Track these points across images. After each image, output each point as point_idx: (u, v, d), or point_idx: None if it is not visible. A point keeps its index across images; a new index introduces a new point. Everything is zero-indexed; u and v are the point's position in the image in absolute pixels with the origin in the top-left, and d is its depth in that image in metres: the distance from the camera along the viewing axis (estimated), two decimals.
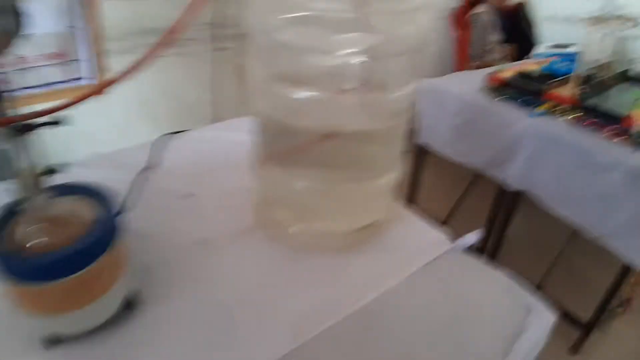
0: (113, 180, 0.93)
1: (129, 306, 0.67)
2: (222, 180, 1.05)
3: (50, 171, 0.57)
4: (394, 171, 0.84)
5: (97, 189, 0.64)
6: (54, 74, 1.79)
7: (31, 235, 0.56)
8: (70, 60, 1.82)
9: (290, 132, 0.76)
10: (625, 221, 1.34)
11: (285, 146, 0.79)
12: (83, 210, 0.61)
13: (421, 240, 0.87)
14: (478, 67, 2.87)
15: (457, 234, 0.88)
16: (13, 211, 0.58)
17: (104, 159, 1.11)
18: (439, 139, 1.91)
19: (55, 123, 0.79)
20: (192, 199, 0.96)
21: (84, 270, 0.55)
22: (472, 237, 0.85)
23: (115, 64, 1.88)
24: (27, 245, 0.55)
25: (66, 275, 0.54)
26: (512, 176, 1.66)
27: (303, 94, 0.69)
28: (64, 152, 1.80)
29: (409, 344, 0.67)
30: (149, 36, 1.89)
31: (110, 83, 0.74)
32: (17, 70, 1.70)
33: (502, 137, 1.66)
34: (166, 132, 1.24)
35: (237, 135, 1.27)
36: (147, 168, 1.05)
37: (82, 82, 1.86)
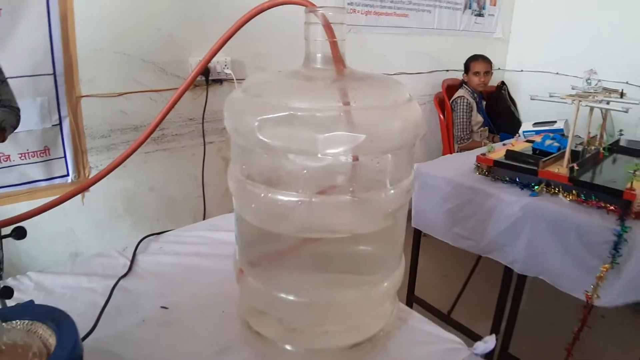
0: (86, 289, 0.84)
1: None
2: (204, 288, 0.96)
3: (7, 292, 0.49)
4: (394, 272, 0.75)
5: (57, 312, 0.55)
6: (36, 171, 1.74)
7: None
8: (53, 158, 1.77)
9: (271, 235, 0.68)
10: None
11: (267, 251, 0.71)
12: (37, 339, 0.52)
13: (433, 349, 0.77)
14: (463, 149, 2.88)
15: (465, 325, 0.78)
16: None
17: (81, 265, 1.02)
18: (432, 223, 1.84)
19: (20, 236, 0.72)
20: (169, 311, 0.86)
21: None
22: (489, 343, 0.74)
23: (96, 161, 1.84)
24: None
25: None
26: (518, 261, 1.57)
27: (283, 196, 0.61)
28: (43, 254, 1.71)
29: None
30: (130, 133, 1.87)
31: (96, 180, 0.68)
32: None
33: (499, 219, 1.59)
34: (150, 231, 1.17)
35: (224, 235, 1.19)
36: (123, 276, 0.97)
37: (67, 180, 1.80)
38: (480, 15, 3.46)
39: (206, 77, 1.98)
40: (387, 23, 2.85)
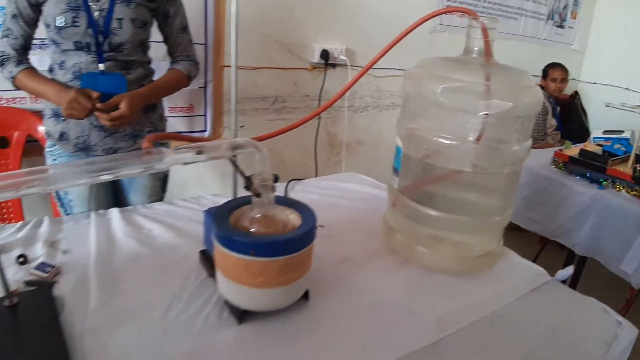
0: None
1: (305, 297, 0.86)
2: (345, 214, 1.26)
3: (275, 179, 0.79)
4: (505, 212, 1.03)
5: (304, 205, 0.85)
6: (181, 124, 2.10)
7: (253, 223, 0.77)
8: (196, 115, 2.13)
9: (431, 167, 0.97)
10: None
11: (425, 178, 1.00)
12: (292, 218, 0.83)
13: (526, 272, 1.04)
14: (537, 148, 3.08)
15: None
16: (241, 203, 0.81)
17: None
18: None
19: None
20: (326, 229, 1.14)
21: (295, 253, 0.75)
22: (568, 271, 1.01)
23: (228, 122, 2.17)
24: (251, 230, 0.76)
25: (285, 254, 0.73)
26: (580, 243, 1.81)
27: (448, 140, 0.91)
28: (175, 196, 2.08)
29: (519, 348, 0.83)
30: (258, 102, 2.21)
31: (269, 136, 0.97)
32: None
33: (570, 207, 1.83)
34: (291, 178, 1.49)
35: (351, 185, 1.50)
36: None
37: (204, 134, 2.16)
38: (560, 26, 3.62)
39: (325, 61, 2.30)
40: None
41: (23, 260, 0.94)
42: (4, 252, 0.98)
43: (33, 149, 1.74)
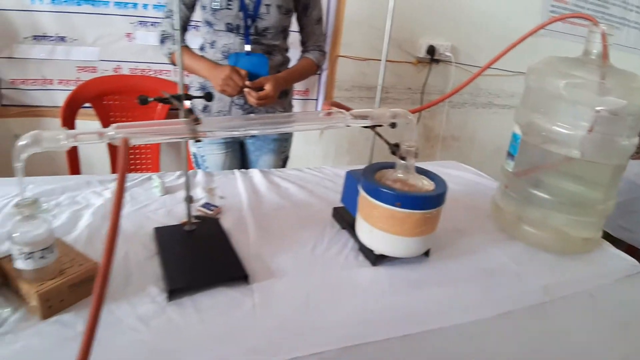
0: None
1: (426, 254, 0.98)
2: (451, 195, 1.36)
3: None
4: (609, 202, 1.09)
5: (435, 174, 0.97)
6: (297, 106, 2.28)
7: (396, 182, 0.90)
8: (309, 99, 2.31)
9: (547, 153, 1.05)
10: None
11: (534, 165, 1.09)
12: (425, 183, 0.95)
13: (621, 261, 1.10)
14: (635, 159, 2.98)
15: None
16: (382, 167, 0.94)
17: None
18: None
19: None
20: None
21: (432, 209, 0.87)
22: None
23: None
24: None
25: (424, 209, 0.86)
26: None
27: (560, 129, 0.99)
28: None
29: (616, 319, 0.89)
30: (364, 91, 2.34)
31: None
32: None
33: None
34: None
35: (447, 170, 1.60)
36: None
37: None
38: None
39: (431, 56, 2.39)
40: (581, 32, 3.01)
41: (189, 199, 1.14)
42: (170, 193, 1.18)
43: (174, 117, 1.99)
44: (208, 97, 0.87)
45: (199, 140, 0.69)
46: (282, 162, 1.75)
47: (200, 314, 0.74)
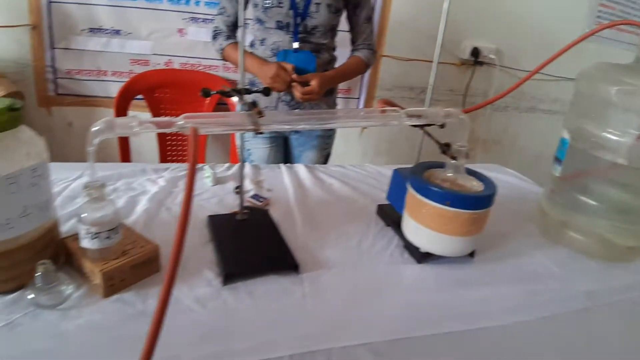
0: None
1: (471, 255, 0.98)
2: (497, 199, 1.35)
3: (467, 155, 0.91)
4: None
5: (484, 175, 0.97)
6: (338, 104, 2.30)
7: (445, 181, 0.91)
8: (351, 97, 2.32)
9: (593, 159, 1.04)
10: None
11: (582, 171, 1.07)
12: (474, 184, 0.95)
13: None
14: None
15: None
16: (431, 166, 0.95)
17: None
18: None
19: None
20: None
21: (480, 210, 0.87)
22: None
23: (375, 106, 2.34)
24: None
25: (473, 209, 0.86)
26: None
27: (610, 135, 0.97)
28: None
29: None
30: (406, 91, 2.33)
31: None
32: None
33: None
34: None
35: (490, 173, 1.57)
36: None
37: None
38: None
39: (475, 58, 2.36)
40: (626, 39, 2.92)
41: (238, 190, 1.17)
42: (221, 183, 1.22)
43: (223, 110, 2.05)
44: (266, 92, 0.90)
45: (260, 133, 0.71)
46: (324, 158, 1.77)
47: (253, 299, 0.77)
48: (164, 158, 2.06)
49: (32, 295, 0.71)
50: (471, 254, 0.98)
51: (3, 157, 0.69)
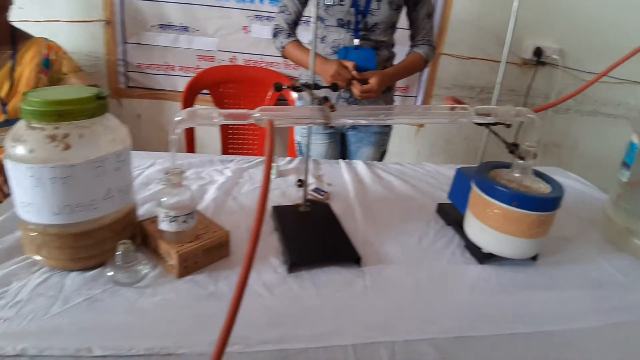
0: None
1: (534, 258, 0.95)
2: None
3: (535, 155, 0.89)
4: None
5: (551, 177, 0.94)
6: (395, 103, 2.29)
7: (511, 182, 0.89)
8: (408, 96, 2.31)
9: None
10: None
11: None
12: (541, 186, 0.92)
13: None
14: None
15: None
16: (496, 166, 0.93)
17: None
18: None
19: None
20: None
21: (547, 212, 0.85)
22: None
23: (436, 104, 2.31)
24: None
25: (540, 211, 0.84)
26: None
27: None
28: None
29: None
30: (466, 90, 2.29)
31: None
32: None
33: None
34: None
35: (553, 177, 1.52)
36: None
37: None
38: None
39: (538, 58, 2.28)
40: None
41: (300, 184, 1.19)
42: (283, 176, 1.25)
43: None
44: (334, 87, 0.91)
45: (332, 127, 0.73)
46: (381, 155, 1.77)
47: (317, 288, 0.79)
48: (225, 150, 2.12)
49: (112, 273, 0.76)
50: (534, 257, 0.96)
51: (91, 142, 0.73)
